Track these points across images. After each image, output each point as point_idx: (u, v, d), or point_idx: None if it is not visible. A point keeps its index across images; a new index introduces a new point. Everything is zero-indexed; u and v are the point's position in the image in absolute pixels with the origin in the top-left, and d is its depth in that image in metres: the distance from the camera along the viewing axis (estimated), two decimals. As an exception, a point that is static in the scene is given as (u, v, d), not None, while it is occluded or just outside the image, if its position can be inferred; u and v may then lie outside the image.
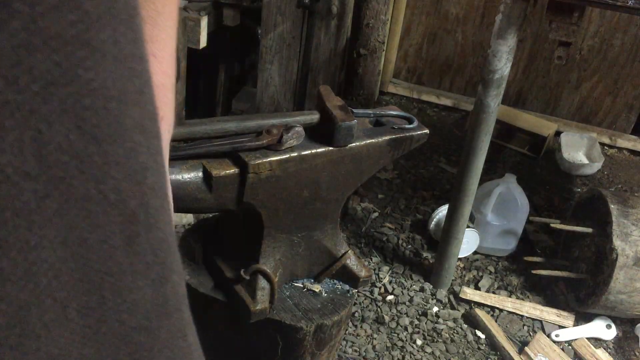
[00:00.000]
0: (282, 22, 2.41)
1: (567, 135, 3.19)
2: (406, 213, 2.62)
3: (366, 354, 1.96)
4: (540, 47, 3.35)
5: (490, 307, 2.19)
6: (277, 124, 1.01)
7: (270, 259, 1.08)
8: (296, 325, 1.07)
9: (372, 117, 1.16)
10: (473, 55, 3.49)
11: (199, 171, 0.95)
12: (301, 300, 1.13)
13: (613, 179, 3.12)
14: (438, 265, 2.19)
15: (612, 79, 3.32)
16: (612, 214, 2.01)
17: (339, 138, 1.03)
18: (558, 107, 3.49)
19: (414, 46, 3.57)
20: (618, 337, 2.16)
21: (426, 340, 2.04)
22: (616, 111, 3.40)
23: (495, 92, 1.83)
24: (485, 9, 3.35)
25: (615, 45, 3.24)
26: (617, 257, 1.95)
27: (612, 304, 2.04)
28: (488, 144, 1.93)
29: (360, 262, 1.20)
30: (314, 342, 1.11)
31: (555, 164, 3.11)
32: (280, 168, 0.99)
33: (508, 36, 1.73)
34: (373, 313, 2.10)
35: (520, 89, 3.50)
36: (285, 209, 1.05)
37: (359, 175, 1.11)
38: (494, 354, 2.02)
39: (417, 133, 1.14)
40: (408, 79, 3.67)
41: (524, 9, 1.70)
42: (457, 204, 2.03)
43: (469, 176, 1.97)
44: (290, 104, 2.57)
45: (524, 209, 2.38)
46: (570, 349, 2.08)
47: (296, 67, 2.49)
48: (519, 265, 2.40)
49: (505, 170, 2.94)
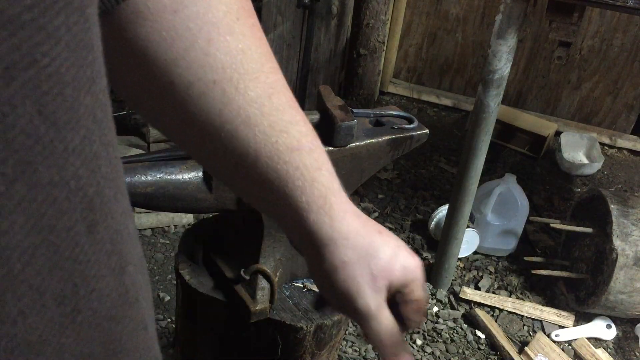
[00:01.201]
0: (282, 22, 2.41)
1: (567, 135, 3.19)
2: (406, 213, 2.62)
3: (366, 354, 1.96)
4: (540, 47, 3.35)
5: (490, 307, 2.19)
6: (277, 124, 1.01)
7: (270, 259, 1.08)
8: (296, 325, 1.07)
9: (372, 117, 1.16)
10: (473, 55, 3.49)
11: (199, 171, 0.95)
12: (301, 300, 1.13)
13: (613, 179, 3.12)
14: (438, 265, 2.19)
15: (612, 79, 3.33)
16: (612, 214, 2.01)
17: (339, 138, 1.03)
18: (558, 107, 3.49)
19: (414, 46, 3.57)
20: (618, 337, 2.16)
21: (426, 340, 2.04)
22: (616, 111, 3.40)
23: (495, 92, 1.83)
24: (485, 9, 3.35)
25: (615, 45, 3.24)
26: (617, 257, 1.95)
27: (612, 304, 2.04)
28: (488, 144, 1.93)
29: (360, 262, 1.20)
30: (314, 342, 1.11)
31: (555, 164, 3.11)
32: (280, 168, 0.99)
33: (508, 36, 1.73)
34: (373, 313, 2.10)
35: (520, 89, 3.50)
36: (285, 209, 1.05)
37: (359, 175, 1.11)
38: (494, 354, 2.03)
39: (417, 133, 1.14)
40: (408, 79, 3.67)
41: (524, 9, 1.70)
42: (457, 204, 2.03)
43: (469, 176, 1.97)
44: (290, 104, 2.57)
45: (524, 209, 2.38)
46: (570, 349, 2.08)
47: (296, 67, 2.49)
48: (519, 265, 2.40)
49: (505, 170, 2.94)
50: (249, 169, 0.53)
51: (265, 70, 0.52)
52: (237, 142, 0.51)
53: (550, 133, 3.17)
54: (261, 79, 0.51)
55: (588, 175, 3.08)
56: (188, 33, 0.47)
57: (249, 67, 0.50)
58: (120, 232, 0.39)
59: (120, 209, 0.39)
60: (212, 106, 0.50)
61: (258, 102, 0.51)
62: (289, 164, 0.53)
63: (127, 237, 0.40)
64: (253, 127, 0.51)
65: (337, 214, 0.55)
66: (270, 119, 0.52)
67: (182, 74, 0.48)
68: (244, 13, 0.50)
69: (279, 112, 0.52)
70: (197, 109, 0.50)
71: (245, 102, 0.50)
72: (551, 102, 3.48)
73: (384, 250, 0.57)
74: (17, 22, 0.27)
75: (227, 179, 0.58)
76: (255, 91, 0.51)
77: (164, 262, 2.18)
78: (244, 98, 0.50)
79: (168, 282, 2.11)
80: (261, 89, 0.51)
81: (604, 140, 3.37)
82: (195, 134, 0.52)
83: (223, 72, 0.49)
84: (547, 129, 3.18)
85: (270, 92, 0.52)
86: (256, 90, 0.51)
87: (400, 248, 0.59)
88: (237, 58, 0.49)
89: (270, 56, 0.53)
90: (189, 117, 0.50)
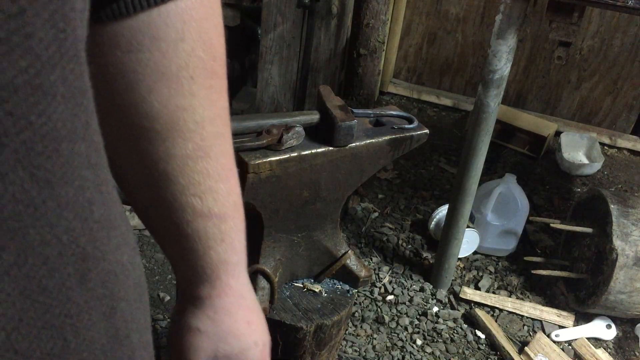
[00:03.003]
0: (282, 22, 2.41)
1: (567, 135, 3.19)
2: (406, 213, 2.62)
3: (366, 354, 1.96)
4: (540, 47, 3.35)
5: (490, 307, 2.19)
6: (277, 124, 1.01)
7: (270, 259, 1.08)
8: (296, 325, 1.07)
9: (372, 117, 1.16)
10: (473, 55, 3.49)
11: (199, 171, 0.95)
12: (301, 300, 1.13)
13: (613, 179, 3.12)
14: (438, 265, 2.19)
15: (612, 79, 3.33)
16: (612, 214, 2.01)
17: (339, 138, 1.03)
18: (558, 107, 3.49)
19: (414, 46, 3.57)
20: (618, 337, 2.16)
21: (426, 340, 2.04)
22: (616, 111, 3.40)
23: (495, 92, 1.83)
24: (485, 9, 3.35)
25: (615, 45, 3.24)
26: (617, 257, 1.95)
27: (612, 304, 2.04)
28: (488, 144, 1.93)
29: (360, 262, 1.20)
30: (314, 342, 1.11)
31: (555, 164, 3.11)
32: (280, 168, 0.99)
33: (508, 36, 1.73)
34: (373, 313, 2.10)
35: (520, 89, 3.50)
36: (285, 209, 1.05)
37: (359, 175, 1.11)
38: (494, 354, 2.02)
39: (417, 133, 1.14)
40: (408, 79, 3.67)
41: (524, 9, 1.70)
42: (457, 204, 2.03)
43: (469, 176, 1.97)
44: (290, 104, 2.57)
45: (524, 209, 2.38)
46: (570, 349, 2.08)
47: (296, 67, 2.49)
48: (519, 265, 2.40)
49: (505, 170, 2.94)
50: (161, 211, 0.54)
51: (204, 133, 0.51)
52: (155, 191, 0.52)
53: (550, 133, 3.16)
54: (195, 139, 0.51)
55: (588, 175, 3.07)
56: (132, 75, 0.47)
57: (186, 126, 0.50)
58: (113, 271, 0.38)
59: (114, 245, 0.38)
60: (139, 148, 0.50)
61: (182, 161, 0.51)
62: (192, 228, 0.54)
63: (120, 273, 0.40)
64: (169, 182, 0.52)
65: (219, 288, 0.57)
66: (187, 180, 0.52)
67: (118, 110, 0.48)
68: (203, 73, 0.50)
69: (201, 175, 0.53)
70: (127, 146, 0.51)
71: (168, 157, 0.51)
72: (551, 102, 3.48)
73: (241, 341, 0.58)
74: (11, 87, 0.26)
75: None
76: (183, 150, 0.51)
77: (164, 262, 2.18)
78: (166, 153, 0.50)
79: (168, 282, 2.11)
80: (190, 150, 0.51)
81: (604, 140, 3.37)
82: (128, 163, 0.53)
83: (156, 122, 0.49)
84: (547, 129, 3.18)
85: (199, 155, 0.52)
86: (184, 149, 0.51)
87: (257, 347, 0.60)
88: (175, 114, 0.49)
89: (219, 121, 0.53)
90: (121, 144, 0.51)
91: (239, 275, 0.58)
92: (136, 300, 0.44)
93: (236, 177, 0.57)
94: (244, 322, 0.58)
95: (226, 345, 0.57)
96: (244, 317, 0.58)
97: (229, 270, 0.57)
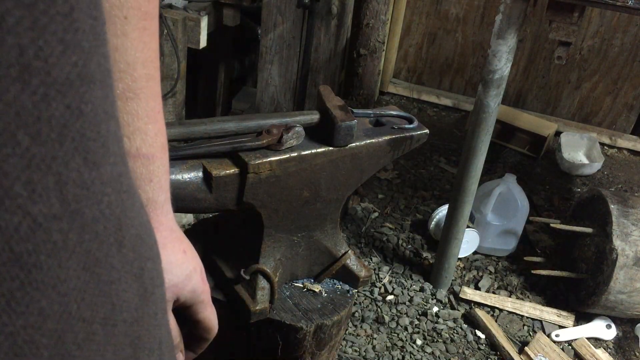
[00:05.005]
0: (282, 22, 2.41)
1: (567, 135, 3.19)
2: (406, 213, 2.62)
3: (366, 354, 1.96)
4: (540, 47, 3.35)
5: (490, 307, 2.19)
6: (277, 124, 1.01)
7: (270, 259, 1.08)
8: (296, 325, 1.07)
9: (372, 117, 1.16)
10: (473, 55, 3.49)
11: (199, 171, 0.95)
12: (301, 300, 1.13)
13: (613, 179, 3.12)
14: (438, 265, 2.19)
15: (612, 79, 3.33)
16: (612, 214, 2.01)
17: (339, 138, 1.03)
18: (558, 107, 3.49)
19: (414, 46, 3.57)
20: (618, 337, 2.16)
21: (426, 340, 2.04)
22: (616, 111, 3.40)
23: (495, 92, 1.83)
24: (485, 9, 3.35)
25: (615, 45, 3.24)
26: (617, 257, 1.95)
27: (612, 304, 2.04)
28: (488, 144, 1.93)
29: (360, 262, 1.20)
30: (314, 342, 1.11)
31: (555, 164, 3.11)
32: (280, 168, 0.99)
33: (508, 36, 1.73)
34: (373, 313, 2.10)
35: (520, 89, 3.50)
36: (285, 209, 1.05)
37: (359, 175, 1.11)
38: (494, 354, 2.03)
39: (417, 133, 1.14)
40: (408, 79, 3.67)
41: (524, 9, 1.70)
42: (457, 204, 2.03)
43: (469, 176, 1.97)
44: (290, 104, 2.57)
45: (524, 209, 2.38)
46: (570, 349, 2.08)
47: (296, 67, 2.49)
48: (519, 265, 2.40)
49: (505, 170, 2.94)
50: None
51: (135, 74, 0.52)
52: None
53: (550, 133, 3.16)
54: (125, 80, 0.52)
55: (588, 175, 3.08)
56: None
57: (116, 66, 0.51)
58: (139, 234, 0.41)
59: (137, 210, 0.41)
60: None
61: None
62: None
63: (144, 234, 0.42)
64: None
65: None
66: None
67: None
68: (138, 14, 0.50)
69: (130, 116, 0.54)
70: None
71: None
72: (551, 102, 3.48)
73: (181, 268, 0.61)
74: (68, 82, 0.28)
75: None
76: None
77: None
78: None
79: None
80: (120, 90, 0.52)
81: (604, 140, 3.37)
82: None
83: None
84: (547, 129, 3.18)
85: (129, 96, 0.53)
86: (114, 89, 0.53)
87: (197, 272, 0.63)
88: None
89: (150, 64, 0.54)
90: None
91: (167, 212, 0.61)
92: (157, 255, 0.46)
93: (163, 119, 0.58)
94: (180, 252, 0.62)
95: (171, 276, 0.59)
96: (179, 248, 0.62)
97: (157, 208, 0.59)
